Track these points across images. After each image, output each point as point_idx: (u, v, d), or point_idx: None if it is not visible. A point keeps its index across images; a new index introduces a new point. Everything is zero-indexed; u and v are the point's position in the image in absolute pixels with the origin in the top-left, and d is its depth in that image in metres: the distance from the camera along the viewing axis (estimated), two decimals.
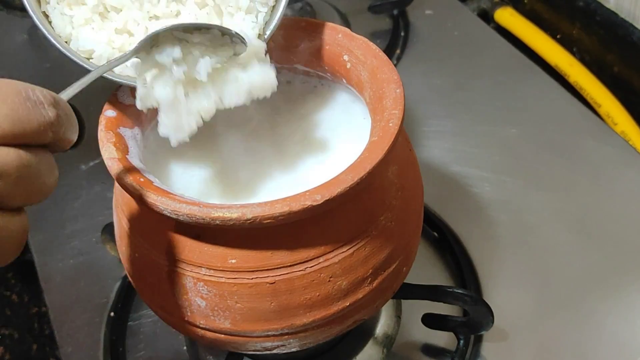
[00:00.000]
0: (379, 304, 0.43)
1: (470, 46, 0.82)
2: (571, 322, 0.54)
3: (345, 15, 0.89)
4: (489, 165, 0.68)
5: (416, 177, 0.44)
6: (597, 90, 0.80)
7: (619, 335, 0.54)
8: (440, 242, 0.61)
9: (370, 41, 0.43)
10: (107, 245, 0.59)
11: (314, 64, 0.46)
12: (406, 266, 0.43)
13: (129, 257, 0.42)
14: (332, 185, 0.35)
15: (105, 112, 0.41)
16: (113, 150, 0.38)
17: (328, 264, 0.37)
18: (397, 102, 0.39)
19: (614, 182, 0.65)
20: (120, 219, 0.42)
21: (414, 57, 0.82)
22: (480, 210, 0.64)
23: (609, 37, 0.80)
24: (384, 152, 0.36)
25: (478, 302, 0.48)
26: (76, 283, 0.61)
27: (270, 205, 0.34)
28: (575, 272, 0.58)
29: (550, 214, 0.63)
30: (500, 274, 0.58)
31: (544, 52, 0.86)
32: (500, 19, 0.92)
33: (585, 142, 0.69)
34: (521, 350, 0.53)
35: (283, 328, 0.39)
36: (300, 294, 0.38)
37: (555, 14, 0.88)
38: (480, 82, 0.77)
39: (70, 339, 0.57)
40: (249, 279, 0.37)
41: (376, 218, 0.39)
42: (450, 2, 0.90)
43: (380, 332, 0.54)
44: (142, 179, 0.36)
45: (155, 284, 0.40)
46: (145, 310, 0.58)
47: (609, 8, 0.80)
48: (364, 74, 0.43)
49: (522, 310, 0.55)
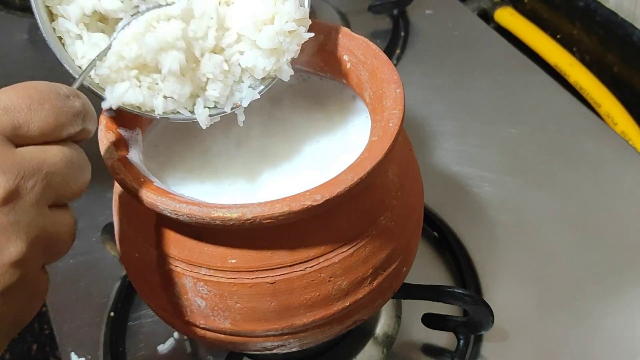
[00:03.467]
0: (379, 304, 0.43)
1: (470, 46, 0.82)
2: (571, 322, 0.54)
3: (345, 15, 0.89)
4: (489, 165, 0.68)
5: (416, 177, 0.44)
6: (597, 90, 0.80)
7: (619, 335, 0.54)
8: (440, 242, 0.61)
9: (370, 41, 0.43)
10: (107, 245, 0.59)
11: (314, 64, 0.46)
12: (406, 266, 0.43)
13: (129, 257, 0.42)
14: (332, 185, 0.35)
15: (105, 112, 0.40)
16: (113, 150, 0.38)
17: (328, 264, 0.37)
18: (397, 102, 0.39)
19: (614, 182, 0.65)
20: (120, 219, 0.42)
21: (414, 57, 0.82)
22: (480, 210, 0.64)
23: (609, 37, 0.80)
24: (384, 152, 0.36)
25: (478, 302, 0.48)
26: (76, 283, 0.61)
27: (270, 205, 0.34)
28: (575, 272, 0.58)
29: (550, 214, 0.63)
30: (500, 274, 0.58)
31: (544, 52, 0.86)
32: (500, 19, 0.92)
33: (585, 142, 0.69)
34: (521, 350, 0.53)
35: (283, 328, 0.39)
36: (300, 294, 0.38)
37: (555, 14, 0.88)
38: (480, 82, 0.77)
39: (70, 339, 0.57)
40: (249, 279, 0.37)
41: (376, 218, 0.39)
42: (450, 2, 0.90)
43: (380, 332, 0.54)
44: (142, 179, 0.36)
45: (155, 284, 0.40)
46: (145, 310, 0.58)
47: (609, 8, 0.80)
48: (364, 74, 0.43)
49: (522, 310, 0.55)
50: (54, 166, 0.29)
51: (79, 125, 0.31)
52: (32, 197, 0.28)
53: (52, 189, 0.29)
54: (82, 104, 0.31)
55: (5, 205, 0.27)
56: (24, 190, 0.28)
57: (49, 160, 0.29)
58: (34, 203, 0.28)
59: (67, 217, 0.31)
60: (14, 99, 0.29)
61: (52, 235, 0.30)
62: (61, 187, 0.30)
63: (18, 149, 0.28)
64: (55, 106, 0.30)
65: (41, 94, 0.29)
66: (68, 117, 0.30)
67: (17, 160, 0.28)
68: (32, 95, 0.29)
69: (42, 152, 0.29)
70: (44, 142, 0.29)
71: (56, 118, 0.29)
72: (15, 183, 0.27)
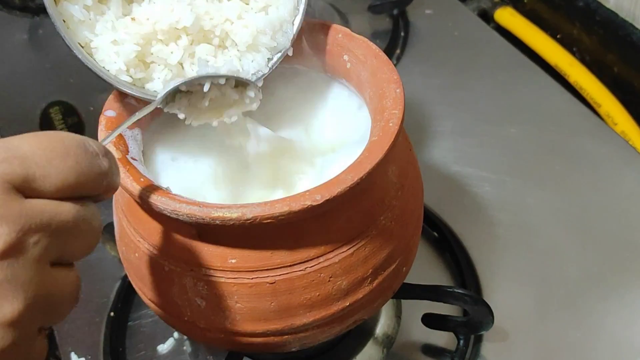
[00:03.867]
0: (379, 304, 0.43)
1: (470, 46, 0.82)
2: (571, 322, 0.54)
3: (345, 15, 0.89)
4: (489, 165, 0.68)
5: (416, 177, 0.44)
6: (597, 90, 0.79)
7: (619, 335, 0.54)
8: (440, 242, 0.61)
9: (370, 41, 0.43)
10: (107, 245, 0.59)
11: (314, 64, 0.46)
12: (406, 266, 0.43)
13: (129, 257, 0.42)
14: (332, 185, 0.35)
15: (105, 112, 0.41)
16: (113, 150, 0.38)
17: (328, 264, 0.37)
18: (397, 102, 0.39)
19: (614, 182, 0.65)
20: (120, 219, 0.42)
21: (414, 57, 0.82)
22: (480, 210, 0.64)
23: (609, 37, 0.80)
24: (384, 152, 0.36)
25: (478, 302, 0.48)
26: None
27: (270, 205, 0.34)
28: (575, 271, 0.58)
29: (550, 214, 0.63)
30: (500, 274, 0.58)
31: (544, 52, 0.86)
32: (500, 19, 0.92)
33: (585, 142, 0.69)
34: (521, 350, 0.53)
35: (283, 328, 0.39)
36: (300, 293, 0.37)
37: (555, 14, 0.88)
38: (480, 82, 0.77)
39: (70, 339, 0.57)
40: (249, 279, 0.37)
41: (376, 218, 0.39)
42: (450, 2, 0.90)
43: (380, 332, 0.54)
44: (142, 179, 0.36)
45: (155, 284, 0.40)
46: (145, 310, 0.58)
47: (609, 8, 0.80)
48: (364, 74, 0.43)
49: (522, 310, 0.55)
50: (65, 224, 0.27)
51: (101, 187, 0.29)
52: (35, 253, 0.26)
53: (58, 247, 0.27)
54: (109, 165, 0.29)
55: (4, 260, 0.25)
56: (27, 245, 0.25)
57: (60, 216, 0.27)
58: (36, 260, 0.26)
59: (71, 276, 0.28)
60: (34, 149, 0.26)
61: (52, 296, 0.27)
62: (69, 246, 0.28)
63: (27, 200, 0.26)
64: (79, 164, 0.27)
65: (67, 149, 0.27)
66: (91, 178, 0.28)
67: (25, 211, 0.26)
68: (56, 149, 0.27)
69: (54, 206, 0.27)
70: (58, 198, 0.27)
71: (77, 178, 0.27)
72: (18, 236, 0.25)
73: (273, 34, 0.41)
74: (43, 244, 0.26)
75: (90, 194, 0.29)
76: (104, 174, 0.29)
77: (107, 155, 0.29)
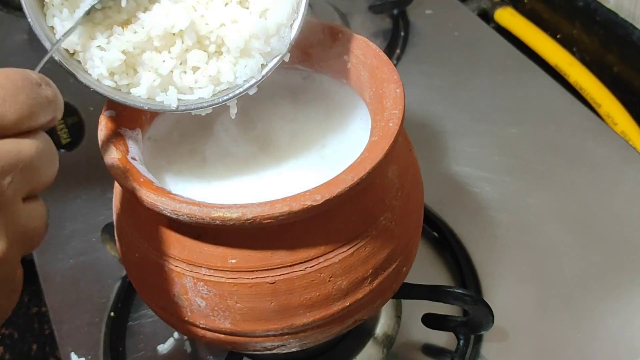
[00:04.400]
0: (379, 304, 0.43)
1: (470, 46, 0.82)
2: (571, 322, 0.54)
3: (345, 15, 0.89)
4: (489, 165, 0.68)
5: (416, 177, 0.44)
6: (597, 90, 0.79)
7: (619, 335, 0.54)
8: (440, 242, 0.61)
9: (370, 41, 0.43)
10: (107, 245, 0.59)
11: (313, 64, 0.46)
12: (406, 266, 0.43)
13: (129, 257, 0.42)
14: (332, 185, 0.35)
15: (105, 112, 0.40)
16: (113, 150, 0.38)
17: (328, 264, 0.37)
18: (397, 102, 0.39)
19: (614, 182, 0.65)
20: (120, 219, 0.42)
21: (414, 57, 0.82)
22: (480, 210, 0.64)
23: (609, 37, 0.80)
24: (384, 152, 0.36)
25: (478, 302, 0.48)
26: (76, 283, 0.61)
27: (270, 205, 0.34)
28: (575, 271, 0.58)
29: (550, 214, 0.63)
30: (500, 274, 0.58)
31: (544, 52, 0.86)
32: (500, 19, 0.92)
33: (585, 142, 0.69)
34: (521, 350, 0.53)
35: (283, 328, 0.39)
36: (300, 294, 0.38)
37: (555, 14, 0.88)
38: (480, 82, 0.77)
39: (70, 339, 0.57)
40: (249, 279, 0.37)
41: (376, 218, 0.39)
42: (450, 2, 0.90)
43: (380, 332, 0.54)
44: (142, 179, 0.36)
45: (155, 284, 0.40)
46: (145, 310, 0.58)
47: (609, 8, 0.80)
48: (364, 74, 0.43)
49: (522, 310, 0.55)
50: (30, 159, 0.28)
51: (50, 114, 0.30)
52: (10, 193, 0.27)
53: (27, 183, 0.28)
54: (53, 92, 0.30)
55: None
56: (2, 187, 0.27)
57: (23, 153, 0.28)
58: (12, 199, 0.27)
59: (39, 207, 0.30)
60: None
61: (28, 229, 0.29)
62: (35, 180, 0.29)
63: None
64: (29, 97, 0.28)
65: (15, 83, 0.28)
66: (42, 108, 0.29)
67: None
68: (5, 86, 0.28)
69: (16, 145, 0.28)
70: (17, 134, 0.28)
71: (30, 109, 0.28)
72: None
73: (267, 38, 0.39)
74: (15, 184, 0.27)
75: (42, 123, 0.29)
76: (50, 102, 0.30)
77: (50, 84, 0.30)
